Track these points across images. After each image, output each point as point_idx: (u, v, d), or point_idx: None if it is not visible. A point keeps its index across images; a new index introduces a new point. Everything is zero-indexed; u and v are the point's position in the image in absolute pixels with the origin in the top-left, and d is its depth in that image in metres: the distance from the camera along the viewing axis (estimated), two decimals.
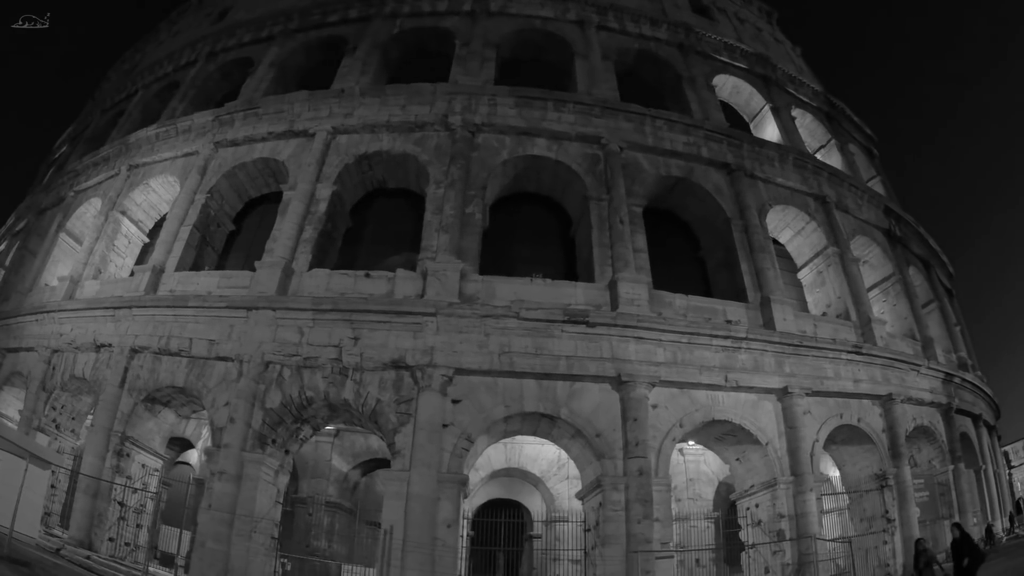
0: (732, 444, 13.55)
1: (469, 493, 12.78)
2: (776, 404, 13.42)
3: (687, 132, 15.95)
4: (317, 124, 15.27)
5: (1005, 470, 21.25)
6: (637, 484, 11.42)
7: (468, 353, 12.02)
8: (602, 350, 12.28)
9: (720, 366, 12.84)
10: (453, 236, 13.39)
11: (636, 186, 14.87)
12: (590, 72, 17.03)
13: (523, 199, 15.88)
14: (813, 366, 13.98)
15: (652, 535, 11.21)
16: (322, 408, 12.71)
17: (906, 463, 14.97)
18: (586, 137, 15.10)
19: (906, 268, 18.95)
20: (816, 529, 12.62)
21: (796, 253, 17.56)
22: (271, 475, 12.30)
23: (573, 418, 11.92)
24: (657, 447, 12.03)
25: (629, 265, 13.41)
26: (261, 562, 11.56)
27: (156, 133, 16.48)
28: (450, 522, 11.00)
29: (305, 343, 12.53)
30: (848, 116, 22.44)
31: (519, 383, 12.02)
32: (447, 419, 11.67)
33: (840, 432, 14.94)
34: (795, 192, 16.98)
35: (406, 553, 10.46)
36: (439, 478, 11.12)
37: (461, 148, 14.56)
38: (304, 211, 14.30)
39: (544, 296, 12.91)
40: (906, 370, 15.92)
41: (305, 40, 18.11)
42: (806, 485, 12.79)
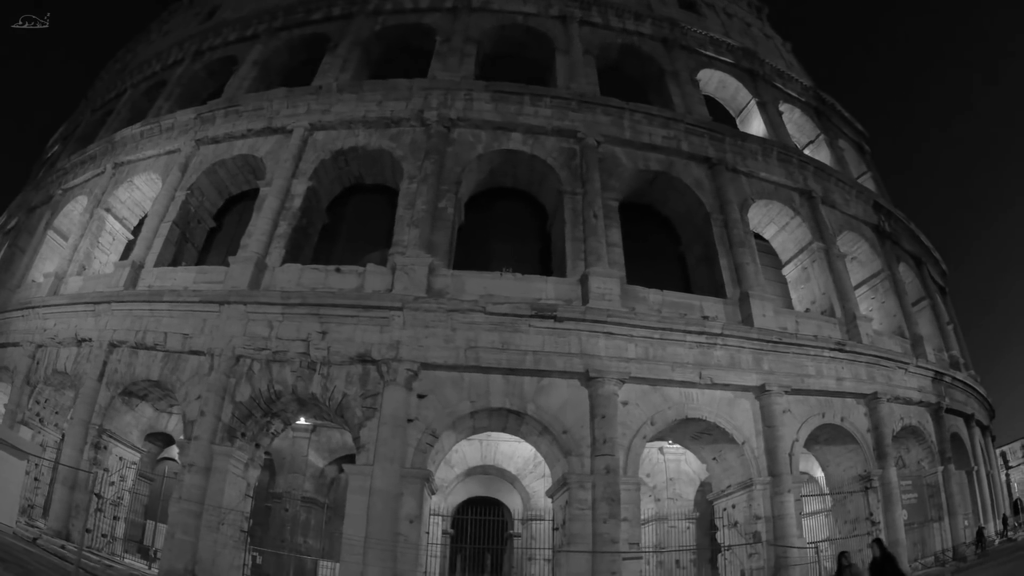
0: (708, 443, 12.86)
1: (436, 489, 12.23)
2: (754, 402, 12.71)
3: (667, 126, 15.28)
4: (295, 121, 14.90)
5: (999, 471, 20.16)
6: (604, 482, 10.82)
7: (434, 348, 11.54)
8: (570, 345, 11.69)
9: (694, 363, 12.17)
10: (424, 231, 12.92)
11: (612, 180, 14.26)
12: (570, 67, 16.45)
13: (500, 194, 15.35)
14: (794, 363, 13.24)
15: (619, 535, 10.60)
16: (291, 402, 12.34)
17: (892, 464, 14.14)
18: (562, 131, 14.53)
19: (896, 265, 18.06)
20: (794, 531, 11.89)
21: (781, 249, 16.79)
22: (240, 468, 12.00)
23: (540, 414, 11.36)
24: (626, 445, 11.41)
25: (601, 259, 12.81)
26: (230, 554, 11.29)
27: (141, 131, 16.25)
28: (412, 517, 10.60)
29: (274, 337, 12.17)
30: (839, 112, 21.56)
31: (485, 378, 11.50)
32: (412, 414, 11.25)
33: (823, 431, 14.16)
34: (779, 187, 16.22)
35: (368, 548, 10.12)
36: (402, 473, 10.71)
37: (435, 143, 14.08)
38: (279, 206, 13.93)
39: (514, 291, 12.37)
40: (893, 368, 15.08)
41: (289, 38, 17.77)
42: (784, 486, 12.06)
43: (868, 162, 22.06)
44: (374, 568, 9.98)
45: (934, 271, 20.93)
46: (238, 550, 11.59)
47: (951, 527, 15.61)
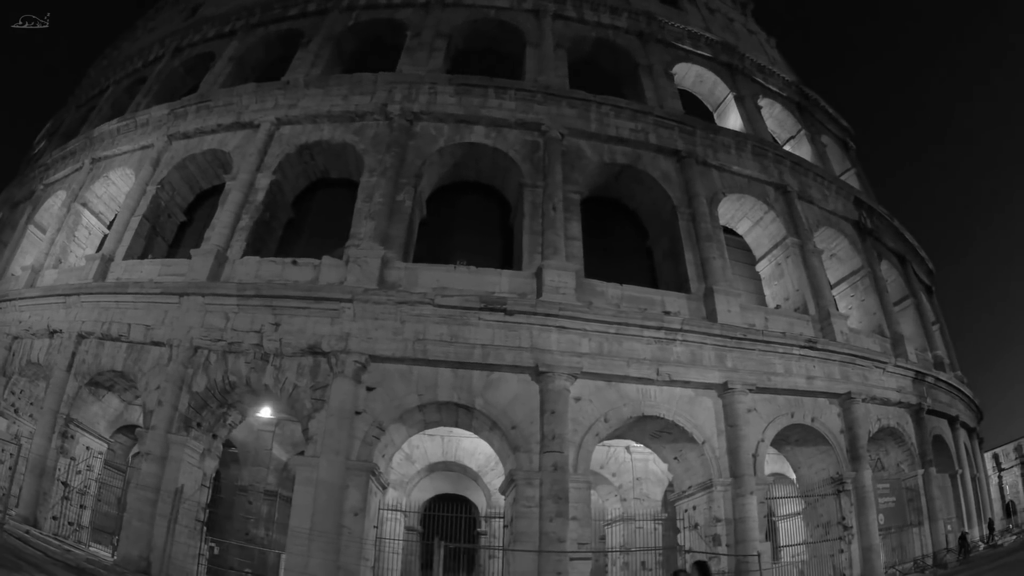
0: (668, 442, 12.02)
1: (388, 484, 11.66)
2: (716, 401, 11.86)
3: (635, 118, 14.49)
4: (262, 115, 14.46)
5: (985, 475, 18.86)
6: (551, 480, 10.10)
7: (383, 340, 10.99)
8: (521, 339, 10.98)
9: (652, 359, 11.37)
10: (379, 224, 12.36)
11: (575, 173, 13.51)
12: (540, 60, 15.76)
13: (464, 188, 14.71)
14: (760, 361, 12.34)
15: (566, 534, 9.86)
16: (245, 393, 11.92)
17: (866, 466, 13.13)
18: (526, 124, 13.84)
19: (877, 262, 16.99)
20: (756, 535, 10.98)
21: (755, 244, 15.86)
22: (196, 458, 11.69)
23: (488, 409, 10.68)
24: (578, 442, 10.66)
25: (558, 252, 12.07)
26: (184, 542, 10.89)
27: (117, 127, 15.97)
28: (357, 510, 10.14)
29: (230, 328, 11.76)
30: (822, 107, 20.49)
31: (434, 371, 10.89)
32: (360, 406, 10.74)
33: (793, 432, 13.21)
34: (753, 181, 15.30)
35: (312, 539, 9.71)
36: (348, 465, 10.26)
37: (397, 137, 13.51)
38: (242, 200, 13.50)
39: (467, 284, 11.71)
40: (870, 368, 14.06)
41: (265, 34, 17.38)
42: (746, 487, 11.18)
43: (852, 159, 20.95)
44: (317, 559, 9.59)
45: (919, 270, 19.73)
46: (193, 539, 11.21)
47: (932, 532, 14.50)
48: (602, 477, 14.69)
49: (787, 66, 22.09)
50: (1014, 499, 27.23)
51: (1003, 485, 28.09)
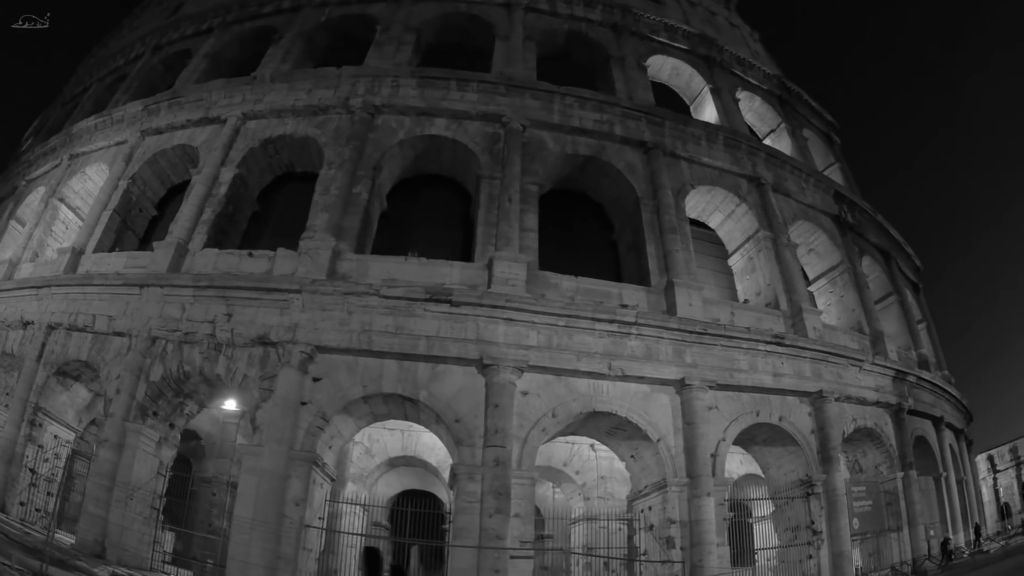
0: (624, 439, 11.29)
1: (335, 476, 11.24)
2: (674, 397, 11.11)
3: (600, 109, 13.79)
4: (229, 110, 14.14)
5: (974, 478, 17.61)
6: (492, 475, 9.50)
7: (329, 331, 10.54)
8: (467, 331, 10.39)
9: (604, 353, 10.66)
10: (333, 216, 11.92)
11: (536, 164, 12.87)
12: (508, 53, 15.16)
13: (428, 181, 14.17)
14: (722, 357, 11.53)
15: (506, 532, 9.24)
16: (200, 383, 11.62)
17: (838, 468, 12.20)
18: (487, 116, 13.26)
19: (858, 257, 15.98)
20: (712, 539, 10.17)
21: (727, 238, 15.01)
22: (152, 446, 11.46)
23: (432, 401, 10.12)
24: (523, 437, 10.02)
25: (511, 244, 11.45)
26: (139, 529, 10.70)
27: (95, 123, 15.83)
28: (298, 500, 9.79)
29: (185, 319, 11.48)
30: (805, 101, 19.51)
31: (379, 363, 10.41)
32: (306, 397, 10.35)
33: (760, 431, 12.36)
34: (724, 173, 14.47)
35: (254, 527, 9.39)
36: (291, 455, 9.88)
37: (357, 129, 13.06)
38: (205, 193, 13.19)
39: (417, 275, 11.17)
40: (845, 365, 13.13)
41: (240, 31, 17.11)
42: (703, 488, 10.40)
43: (837, 153, 19.89)
44: (257, 547, 9.31)
45: (906, 266, 18.60)
46: (148, 526, 11.01)
47: (911, 538, 13.48)
48: (565, 475, 13.97)
49: (771, 60, 21.13)
50: (1009, 501, 25.72)
51: (998, 487, 26.55)
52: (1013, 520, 22.74)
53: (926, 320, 18.30)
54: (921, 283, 19.36)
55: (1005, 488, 26.53)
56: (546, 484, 15.12)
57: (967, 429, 17.62)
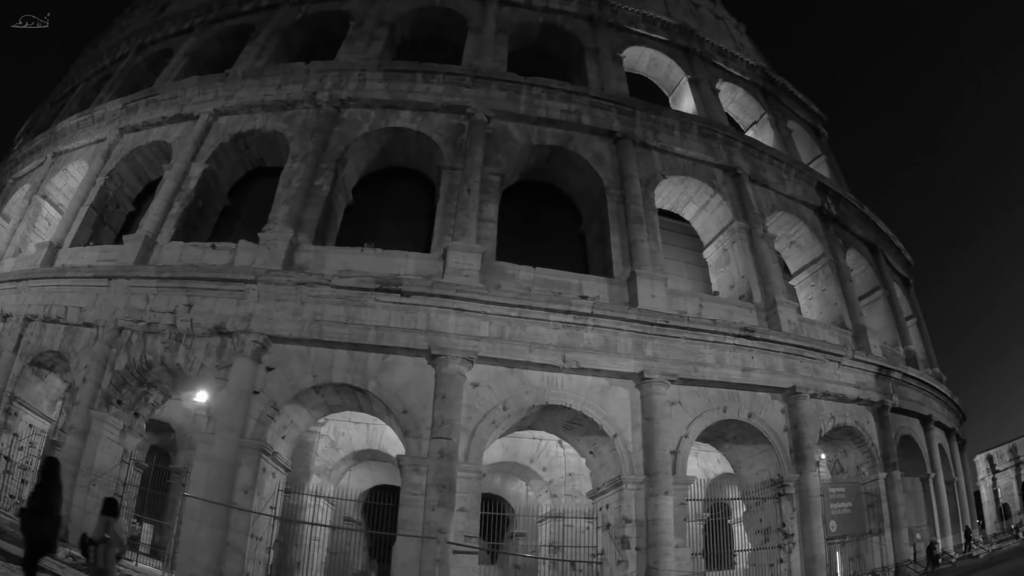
0: (582, 434, 10.75)
1: (290, 467, 11.02)
2: (634, 391, 10.55)
3: (568, 100, 13.29)
4: (202, 107, 14.04)
5: (967, 479, 16.56)
6: (437, 467, 9.10)
7: (283, 321, 10.32)
8: (417, 321, 10.00)
9: (558, 344, 10.15)
10: (293, 208, 11.68)
11: (499, 155, 12.43)
12: (479, 46, 14.76)
13: (395, 174, 13.86)
14: (686, 350, 10.92)
15: (448, 525, 8.82)
16: (163, 372, 11.52)
17: (812, 468, 11.46)
18: (452, 107, 12.87)
19: (841, 250, 15.16)
20: (670, 540, 9.56)
21: (702, 230, 14.35)
22: (115, 434, 11.39)
23: (381, 392, 9.80)
24: (471, 429, 9.57)
25: (467, 234, 11.03)
26: None
27: (77, 122, 15.89)
28: (247, 488, 9.62)
29: (149, 310, 11.40)
30: (790, 92, 18.71)
31: (331, 353, 10.13)
32: (258, 386, 10.14)
33: (730, 429, 11.70)
34: (698, 163, 13.83)
35: (203, 514, 9.27)
36: (240, 443, 9.69)
37: (321, 123, 12.84)
38: (175, 188, 13.10)
39: (373, 266, 10.84)
40: (822, 361, 12.38)
41: (220, 30, 17.06)
42: (660, 487, 9.80)
43: (824, 145, 19.02)
44: (205, 534, 9.15)
45: (895, 261, 17.63)
46: None
47: (894, 541, 12.64)
48: (532, 472, 13.45)
49: (757, 52, 20.35)
50: (1008, 502, 24.34)
51: (997, 487, 25.16)
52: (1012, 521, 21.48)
53: (916, 316, 17.32)
54: (912, 278, 18.35)
55: (1004, 489, 25.14)
56: (519, 482, 14.62)
57: (959, 428, 16.57)
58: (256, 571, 9.80)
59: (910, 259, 18.33)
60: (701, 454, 14.43)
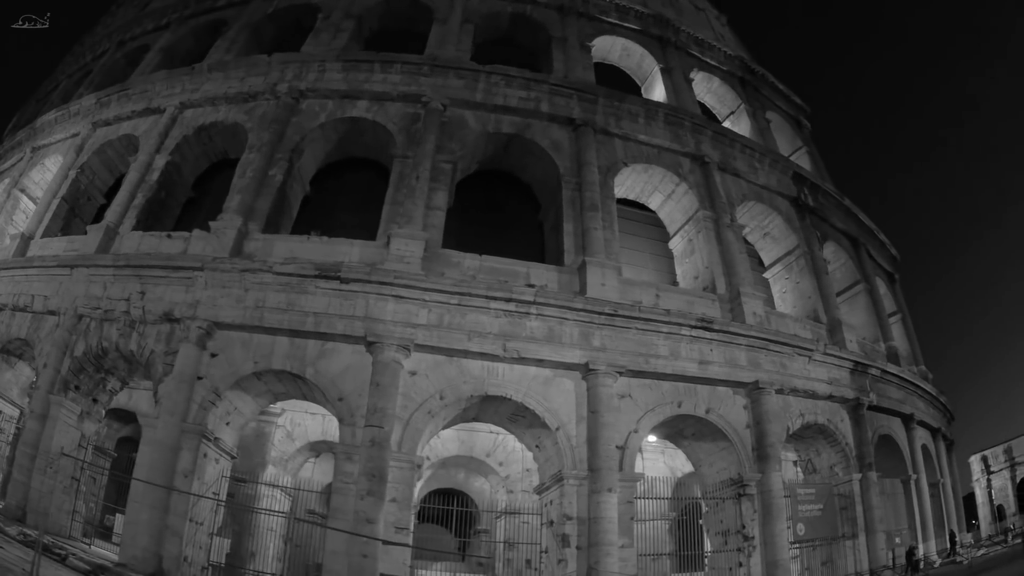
0: (526, 427, 10.30)
1: (236, 454, 10.92)
2: (580, 383, 10.03)
3: (527, 87, 12.92)
4: (169, 100, 14.09)
5: (955, 480, 15.55)
6: (367, 456, 8.86)
7: (227, 307, 10.25)
8: (356, 308, 9.74)
9: (499, 333, 9.75)
10: (246, 197, 11.59)
11: (453, 143, 12.11)
12: (443, 36, 14.49)
13: (355, 165, 13.64)
14: (637, 341, 10.41)
15: (378, 515, 8.52)
16: (118, 359, 11.55)
17: (775, 467, 10.82)
18: (408, 96, 12.64)
19: (817, 242, 14.43)
20: (613, 539, 9.03)
21: (668, 220, 13.81)
22: (73, 419, 11.40)
23: (318, 379, 9.60)
24: (405, 418, 9.25)
25: (413, 222, 10.72)
26: (58, 498, 10.68)
27: (55, 117, 16.11)
28: (187, 472, 9.56)
29: (106, 297, 11.45)
30: (770, 83, 18.00)
31: (272, 340, 10.02)
32: (202, 372, 10.07)
33: (688, 424, 11.09)
34: (664, 151, 13.31)
35: (145, 496, 9.24)
36: (182, 428, 9.65)
37: (279, 114, 12.75)
38: (138, 179, 13.16)
39: (318, 253, 10.65)
40: (790, 355, 11.73)
41: (195, 25, 17.17)
42: (603, 483, 9.31)
43: (806, 137, 18.27)
44: (145, 516, 9.13)
45: (879, 255, 16.76)
46: (68, 495, 10.97)
47: (868, 546, 11.87)
48: (489, 466, 13.01)
49: (738, 43, 19.68)
50: (1003, 503, 22.98)
51: (991, 489, 23.82)
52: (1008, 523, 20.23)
53: (902, 312, 16.40)
54: (898, 273, 17.38)
55: (999, 490, 23.79)
56: (481, 477, 14.17)
57: (946, 429, 15.56)
58: (197, 555, 9.60)
59: (896, 253, 17.41)
60: (668, 452, 13.83)
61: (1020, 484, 22.95)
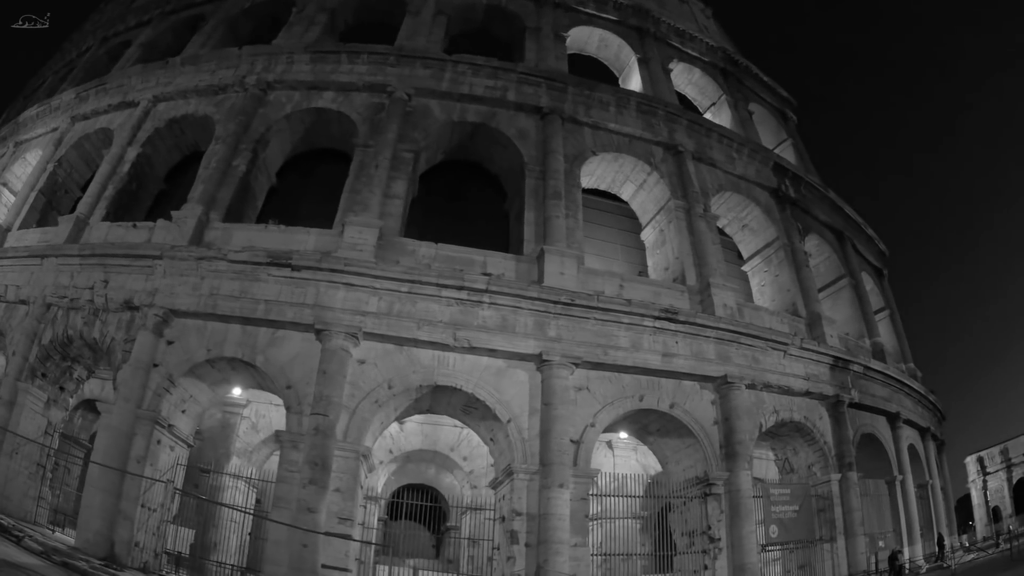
0: (480, 419, 10.08)
1: (193, 443, 10.96)
2: (534, 375, 9.78)
3: (495, 76, 12.78)
4: (143, 94, 14.28)
5: (947, 481, 14.87)
6: (311, 444, 8.72)
7: (183, 295, 10.33)
8: (307, 296, 9.67)
9: (449, 322, 9.54)
10: (208, 187, 11.67)
11: (416, 132, 12.01)
12: (414, 28, 14.45)
13: (322, 156, 13.59)
14: (596, 332, 10.14)
15: (320, 505, 8.41)
16: (83, 347, 11.70)
17: (744, 466, 10.43)
18: (374, 86, 12.60)
19: (798, 234, 14.00)
20: (564, 537, 8.71)
21: (640, 211, 13.51)
22: (40, 406, 11.59)
23: (268, 366, 9.61)
24: (352, 407, 9.09)
25: (369, 210, 10.65)
26: (23, 483, 10.79)
27: (37, 112, 16.42)
28: (140, 457, 9.59)
29: (72, 286, 11.60)
30: (755, 75, 17.58)
31: (225, 327, 10.06)
32: (159, 359, 10.12)
33: (651, 419, 10.76)
34: (635, 140, 13.04)
35: (99, 480, 9.30)
36: (137, 414, 9.70)
37: (246, 105, 12.85)
38: (110, 172, 13.32)
39: (276, 242, 10.65)
40: (763, 349, 11.33)
41: (175, 20, 17.43)
42: (555, 479, 9.04)
43: (791, 129, 17.81)
44: (98, 499, 9.18)
45: (866, 250, 16.21)
46: (33, 481, 11.10)
47: (848, 550, 11.36)
48: (453, 461, 12.75)
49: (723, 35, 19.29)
50: (999, 505, 22.02)
51: (987, 490, 22.86)
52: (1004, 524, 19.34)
53: (890, 308, 15.80)
54: (886, 268, 16.77)
55: (995, 491, 22.85)
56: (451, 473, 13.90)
57: (937, 428, 14.88)
58: (149, 541, 9.54)
59: (884, 248, 16.80)
60: (641, 449, 13.42)
61: (1016, 485, 22.12)
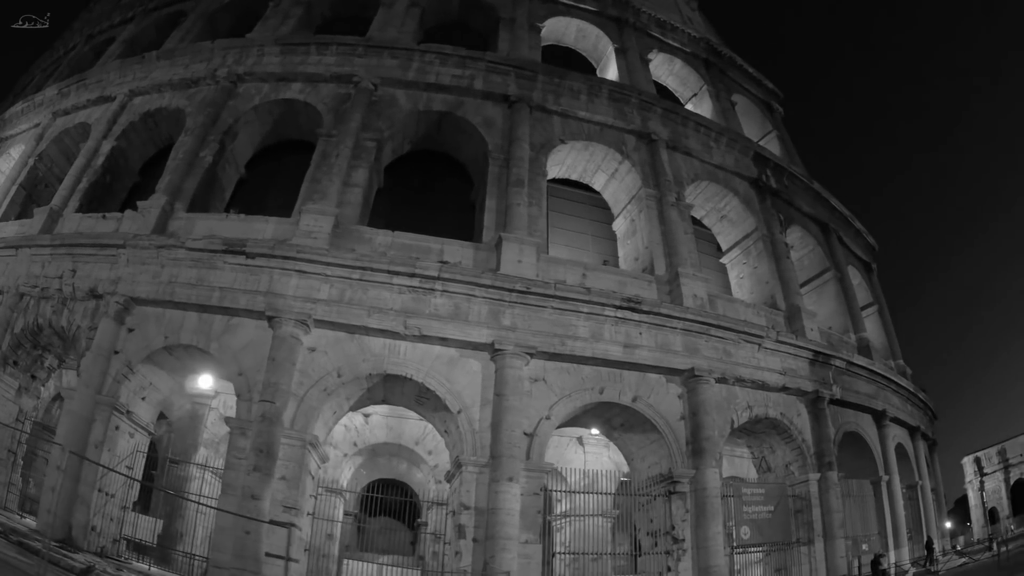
0: (433, 410, 9.96)
1: (154, 431, 11.17)
2: (488, 365, 9.58)
3: (463, 65, 12.73)
4: (120, 88, 14.59)
5: (939, 482, 14.20)
6: (258, 431, 8.74)
7: (144, 283, 10.52)
8: (260, 284, 9.76)
9: (401, 310, 9.46)
10: (174, 178, 11.86)
11: (380, 121, 12.02)
12: (386, 19, 14.53)
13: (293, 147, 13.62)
14: (553, 321, 9.93)
15: (264, 492, 8.43)
16: (53, 336, 11.96)
17: (711, 463, 10.12)
18: (340, 77, 12.68)
19: (779, 225, 13.63)
20: (513, 533, 8.50)
21: (612, 201, 13.32)
22: (11, 393, 11.81)
23: (221, 353, 9.70)
24: (300, 395, 9.02)
25: (327, 198, 10.67)
26: None
27: (21, 109, 16.87)
28: (98, 443, 9.73)
29: (43, 276, 11.88)
30: (739, 66, 17.24)
31: (182, 315, 10.21)
32: (119, 346, 10.27)
33: (614, 413, 10.50)
34: (606, 128, 12.86)
35: (60, 465, 9.32)
36: (96, 400, 9.84)
37: (215, 97, 13.04)
38: (84, 165, 13.62)
39: (236, 230, 10.78)
40: (736, 341, 11.02)
41: (157, 17, 17.82)
42: (504, 472, 8.89)
43: (776, 121, 17.45)
44: (57, 481, 9.21)
45: (854, 243, 15.74)
46: (3, 467, 11.23)
47: (827, 553, 10.91)
48: (418, 455, 12.59)
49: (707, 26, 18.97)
50: (996, 505, 21.06)
51: (984, 491, 21.90)
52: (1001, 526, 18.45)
53: (879, 303, 15.26)
54: (875, 263, 16.19)
55: (992, 492, 21.89)
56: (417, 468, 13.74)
57: (928, 427, 14.24)
58: (107, 527, 9.60)
59: (873, 242, 16.23)
60: (613, 446, 13.07)
61: (1014, 486, 21.16)
